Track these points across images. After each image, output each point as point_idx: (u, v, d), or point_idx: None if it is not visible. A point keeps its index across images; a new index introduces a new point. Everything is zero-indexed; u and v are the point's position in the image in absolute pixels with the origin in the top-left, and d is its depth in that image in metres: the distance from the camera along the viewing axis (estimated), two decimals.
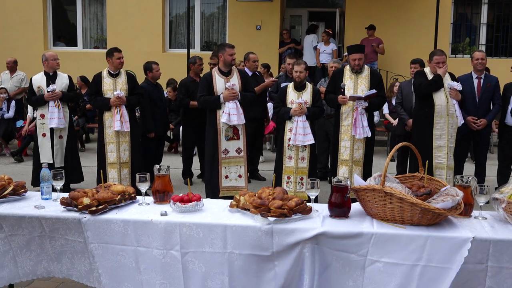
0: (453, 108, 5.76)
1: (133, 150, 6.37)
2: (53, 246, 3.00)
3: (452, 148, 5.83)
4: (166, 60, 10.98)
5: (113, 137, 6.24)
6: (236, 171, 5.82)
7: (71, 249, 2.98)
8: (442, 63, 5.78)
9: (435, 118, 5.79)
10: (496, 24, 12.18)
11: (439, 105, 5.77)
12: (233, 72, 5.84)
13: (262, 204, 2.84)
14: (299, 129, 5.67)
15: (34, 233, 3.00)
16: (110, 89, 6.25)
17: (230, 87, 5.63)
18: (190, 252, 2.81)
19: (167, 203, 3.13)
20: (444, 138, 5.78)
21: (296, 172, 5.83)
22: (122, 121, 6.16)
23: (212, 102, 5.71)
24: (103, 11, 13.14)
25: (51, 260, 3.03)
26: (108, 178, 6.21)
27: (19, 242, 3.03)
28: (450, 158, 5.82)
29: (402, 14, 11.93)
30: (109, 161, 6.25)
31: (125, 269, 2.91)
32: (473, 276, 2.59)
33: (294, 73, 5.88)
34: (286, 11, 13.37)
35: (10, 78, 10.61)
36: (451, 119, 5.78)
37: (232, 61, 5.76)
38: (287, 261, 2.73)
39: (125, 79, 6.37)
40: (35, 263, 3.06)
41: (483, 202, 2.90)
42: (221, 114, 5.67)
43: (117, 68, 6.33)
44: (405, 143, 3.06)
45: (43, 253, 3.03)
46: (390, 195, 2.71)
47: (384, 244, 2.65)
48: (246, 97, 5.82)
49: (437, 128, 5.80)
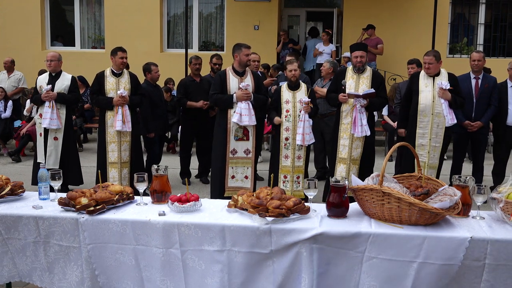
0: (440, 107, 5.75)
1: (133, 150, 6.36)
2: (47, 253, 2.98)
3: (437, 148, 5.83)
4: (164, 60, 10.97)
5: (115, 137, 6.22)
6: (243, 171, 5.82)
7: (65, 257, 2.96)
8: (429, 63, 5.80)
9: (419, 117, 5.84)
10: (494, 24, 12.20)
11: (423, 104, 5.81)
12: (247, 73, 5.85)
13: (260, 204, 2.84)
14: (306, 129, 5.74)
15: (29, 237, 2.98)
16: (113, 88, 6.23)
17: (244, 87, 5.64)
18: (190, 250, 2.82)
19: (165, 203, 3.13)
20: (427, 136, 5.81)
21: (293, 171, 5.87)
22: (124, 120, 6.15)
23: (224, 100, 5.70)
24: (101, 11, 13.12)
25: (44, 269, 3.02)
26: (108, 178, 6.20)
27: (16, 246, 3.03)
28: (432, 158, 5.83)
29: (400, 14, 11.94)
30: (110, 160, 6.24)
31: (125, 267, 2.92)
32: (470, 270, 2.61)
33: (289, 72, 5.93)
34: (284, 11, 13.37)
35: (7, 78, 10.59)
36: (437, 118, 5.78)
37: (248, 62, 5.78)
38: (285, 259, 2.74)
39: (128, 79, 6.35)
40: (31, 269, 3.05)
41: (481, 202, 2.90)
42: (233, 113, 5.67)
43: (119, 68, 6.32)
44: (403, 142, 3.07)
45: (37, 260, 3.02)
46: (388, 195, 2.71)
47: (382, 244, 2.65)
48: (259, 99, 5.84)
49: (420, 126, 5.84)
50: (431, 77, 5.85)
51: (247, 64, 5.79)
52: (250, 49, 5.78)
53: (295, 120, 5.83)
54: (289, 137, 5.87)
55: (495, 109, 6.71)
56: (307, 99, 5.77)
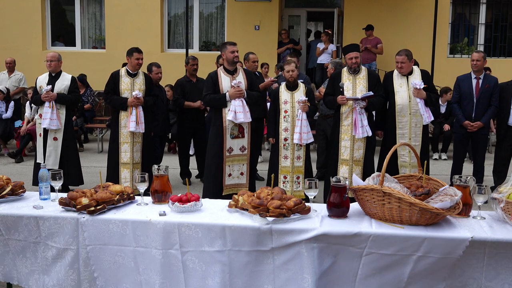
0: (417, 106, 5.80)
1: (144, 151, 6.36)
2: (46, 256, 2.97)
3: (417, 147, 5.88)
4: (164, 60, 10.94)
5: (128, 137, 6.22)
6: (238, 169, 5.83)
7: (62, 260, 2.94)
8: (401, 63, 5.84)
9: (397, 117, 5.89)
10: (495, 24, 12.19)
11: (400, 105, 5.87)
12: (239, 70, 5.85)
13: (261, 204, 2.84)
14: (304, 128, 5.74)
15: (30, 238, 2.98)
16: (128, 88, 6.23)
17: (236, 85, 5.64)
18: (190, 251, 2.81)
19: (165, 203, 3.13)
20: (406, 136, 5.88)
21: (293, 172, 5.88)
22: (138, 122, 6.15)
23: (218, 100, 5.70)
24: (102, 11, 13.12)
25: (42, 272, 3.00)
26: (120, 178, 6.19)
27: (16, 247, 3.02)
28: (414, 157, 5.83)
29: (400, 14, 11.93)
30: (122, 161, 6.23)
31: (124, 270, 2.91)
32: (472, 256, 2.63)
33: (286, 73, 5.94)
34: (284, 11, 13.37)
35: (8, 78, 10.60)
36: (415, 117, 5.85)
37: (235, 58, 5.74)
38: (285, 259, 2.74)
39: (143, 80, 6.35)
40: (30, 272, 3.04)
41: (482, 202, 2.90)
42: (227, 112, 5.67)
43: (135, 69, 6.31)
44: (403, 142, 3.07)
45: (36, 262, 3.01)
46: (389, 195, 2.71)
47: (382, 244, 2.66)
48: (252, 96, 5.83)
49: (400, 127, 5.90)
50: (405, 76, 5.92)
51: (234, 60, 5.76)
52: (235, 45, 5.76)
53: (293, 121, 5.83)
54: (288, 138, 5.88)
55: (495, 109, 6.71)
56: (304, 98, 5.78)
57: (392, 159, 5.81)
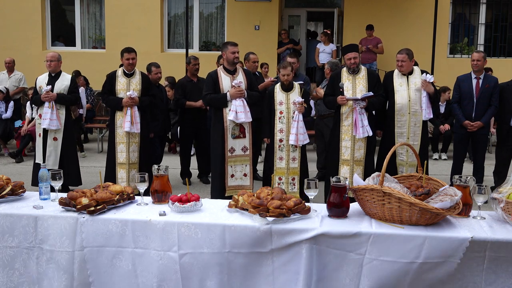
0: (416, 106, 5.83)
1: (141, 151, 6.35)
2: (39, 262, 2.92)
3: (416, 146, 5.88)
4: (164, 60, 10.95)
5: (124, 137, 6.22)
6: (241, 169, 5.83)
7: (56, 264, 2.90)
8: (402, 61, 5.86)
9: (396, 116, 5.91)
10: (495, 24, 12.18)
11: (400, 104, 5.88)
12: (238, 70, 5.86)
13: (261, 204, 2.83)
14: (300, 129, 5.74)
15: (25, 242, 2.93)
16: (124, 88, 6.23)
17: (237, 85, 5.64)
18: (188, 254, 2.80)
19: (165, 203, 3.13)
20: (405, 135, 5.89)
21: (288, 173, 5.88)
22: (133, 122, 6.14)
23: (219, 99, 5.71)
24: (102, 11, 13.12)
25: (32, 283, 2.94)
26: (117, 178, 6.19)
27: (3, 259, 2.95)
28: (411, 156, 5.86)
29: (400, 14, 11.93)
30: (118, 161, 6.24)
31: (121, 273, 2.88)
32: (472, 260, 2.62)
33: (282, 76, 5.97)
34: (284, 11, 13.37)
35: (8, 78, 10.60)
36: (414, 117, 5.87)
37: (235, 59, 5.75)
38: (285, 259, 2.73)
39: (139, 80, 6.34)
40: (16, 286, 2.96)
41: (482, 202, 2.90)
42: (228, 112, 5.67)
43: (128, 69, 6.30)
44: (403, 142, 3.07)
45: (26, 273, 2.95)
46: (389, 195, 2.71)
47: (382, 244, 2.65)
48: (253, 96, 5.84)
49: (398, 126, 5.92)
50: (405, 76, 5.93)
51: (234, 61, 5.77)
52: (236, 46, 5.77)
53: (289, 122, 5.84)
54: (283, 139, 5.88)
55: (495, 109, 6.71)
56: (301, 99, 5.78)
57: (390, 158, 5.83)
